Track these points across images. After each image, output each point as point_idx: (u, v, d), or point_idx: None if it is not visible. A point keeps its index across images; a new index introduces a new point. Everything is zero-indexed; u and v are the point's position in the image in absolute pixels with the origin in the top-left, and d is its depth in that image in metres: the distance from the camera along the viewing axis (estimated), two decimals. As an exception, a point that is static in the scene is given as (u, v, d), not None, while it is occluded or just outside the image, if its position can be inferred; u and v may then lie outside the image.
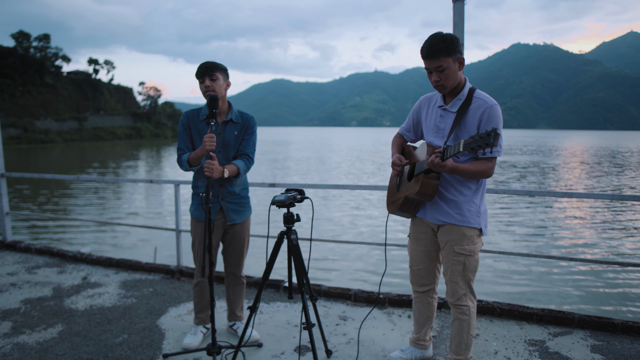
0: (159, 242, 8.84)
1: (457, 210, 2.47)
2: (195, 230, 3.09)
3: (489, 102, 2.35)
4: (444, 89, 2.40)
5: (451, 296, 2.58)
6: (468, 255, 2.49)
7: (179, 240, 4.64)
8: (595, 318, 3.55)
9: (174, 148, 62.40)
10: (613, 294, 6.81)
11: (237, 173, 2.92)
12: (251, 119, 3.09)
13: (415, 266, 2.76)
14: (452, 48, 2.29)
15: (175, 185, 4.54)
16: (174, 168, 31.79)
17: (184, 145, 2.98)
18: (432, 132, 2.55)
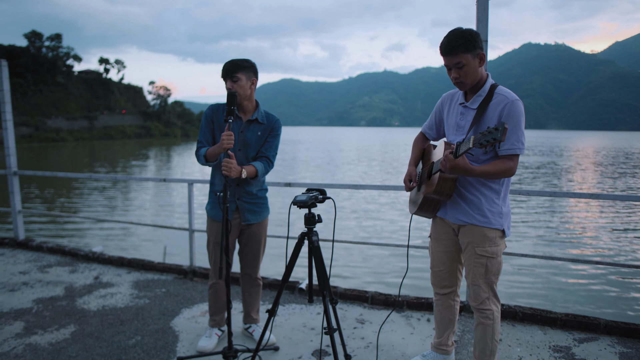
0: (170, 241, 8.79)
1: (478, 211, 2.39)
2: (211, 230, 3.02)
3: (509, 98, 2.26)
4: (464, 85, 2.32)
5: (474, 300, 2.49)
6: (490, 257, 2.40)
7: (192, 240, 4.57)
8: (622, 324, 3.43)
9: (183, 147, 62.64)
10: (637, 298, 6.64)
11: (255, 175, 2.84)
12: (277, 121, 3.00)
13: (436, 267, 2.67)
14: (471, 44, 2.21)
15: (189, 184, 4.47)
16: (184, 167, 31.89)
17: (204, 138, 2.90)
18: (452, 130, 2.48)
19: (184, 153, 48.32)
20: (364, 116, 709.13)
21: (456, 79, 2.29)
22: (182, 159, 40.19)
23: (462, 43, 2.19)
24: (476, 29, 3.39)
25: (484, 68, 2.37)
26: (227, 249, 2.58)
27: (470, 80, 2.29)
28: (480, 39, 2.24)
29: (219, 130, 2.89)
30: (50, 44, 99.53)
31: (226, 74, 2.79)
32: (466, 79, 2.28)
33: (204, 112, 2.96)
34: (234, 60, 2.80)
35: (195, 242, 4.62)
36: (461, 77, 2.27)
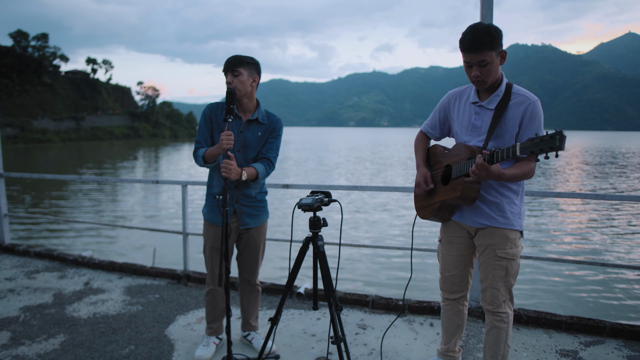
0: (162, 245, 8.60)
1: (499, 213, 2.31)
2: (208, 234, 2.89)
3: (531, 98, 2.19)
4: (484, 84, 2.22)
5: (490, 303, 2.39)
6: (511, 259, 2.33)
7: (185, 244, 4.43)
8: (627, 326, 3.37)
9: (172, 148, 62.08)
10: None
11: (256, 177, 2.72)
12: (278, 121, 2.89)
13: (448, 272, 2.58)
14: (496, 41, 2.11)
15: (183, 186, 4.33)
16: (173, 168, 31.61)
17: (203, 138, 2.78)
18: (466, 130, 2.37)
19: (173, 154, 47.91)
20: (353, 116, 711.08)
21: (477, 77, 2.18)
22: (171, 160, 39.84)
23: (489, 40, 2.08)
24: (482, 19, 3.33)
25: None
26: (226, 255, 2.46)
27: (491, 79, 2.19)
28: (502, 36, 2.15)
29: (218, 130, 2.77)
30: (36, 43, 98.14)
31: (227, 67, 2.68)
32: (488, 77, 2.18)
33: (202, 111, 2.83)
34: (237, 55, 2.69)
35: (189, 246, 4.48)
36: (483, 76, 2.16)
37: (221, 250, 2.44)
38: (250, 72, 2.73)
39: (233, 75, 2.67)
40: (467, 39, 2.12)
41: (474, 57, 2.13)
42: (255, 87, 2.79)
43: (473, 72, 2.17)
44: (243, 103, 2.76)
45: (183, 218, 4.39)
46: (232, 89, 2.52)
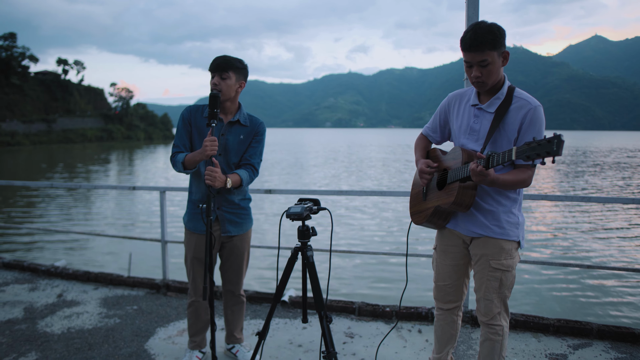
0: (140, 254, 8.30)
1: (495, 222, 2.23)
2: (189, 243, 2.76)
3: (532, 103, 2.10)
4: (484, 86, 2.13)
5: (484, 315, 2.32)
6: (505, 270, 2.24)
7: (164, 252, 4.27)
8: (613, 328, 3.39)
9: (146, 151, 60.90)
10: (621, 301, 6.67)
11: (240, 184, 2.61)
12: (261, 124, 2.78)
13: (442, 281, 2.50)
14: (499, 41, 2.03)
15: (161, 193, 4.17)
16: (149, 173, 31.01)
17: (181, 142, 2.65)
18: (464, 133, 2.29)
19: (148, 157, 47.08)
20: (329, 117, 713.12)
21: (477, 78, 2.09)
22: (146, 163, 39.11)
23: (491, 39, 2.00)
24: (466, 27, 3.28)
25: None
26: (210, 267, 2.35)
27: (492, 80, 2.11)
28: (505, 36, 2.07)
29: (197, 134, 2.65)
30: (3, 43, 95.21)
31: (216, 69, 2.55)
32: (488, 78, 2.09)
33: (181, 113, 2.70)
34: (228, 57, 2.57)
35: (168, 254, 4.33)
36: (483, 77, 2.08)
37: (205, 262, 2.32)
38: (238, 77, 2.62)
39: (221, 77, 2.55)
40: (468, 37, 2.03)
41: (474, 56, 2.05)
42: (239, 93, 2.69)
43: (473, 73, 2.09)
44: (225, 106, 2.65)
45: (162, 225, 4.23)
46: (217, 93, 2.41)
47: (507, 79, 2.21)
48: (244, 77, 2.66)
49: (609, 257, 9.00)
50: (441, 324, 2.60)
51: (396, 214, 13.25)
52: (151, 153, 52.27)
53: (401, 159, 38.94)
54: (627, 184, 22.06)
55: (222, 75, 2.56)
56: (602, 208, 14.14)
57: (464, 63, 2.13)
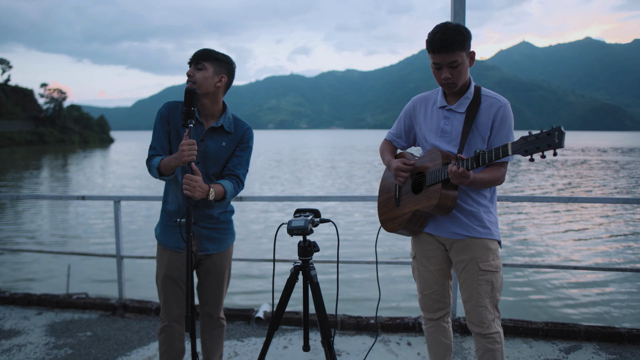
0: (89, 271, 7.52)
1: (477, 222, 2.16)
2: (161, 260, 2.39)
3: (501, 101, 2.12)
4: (454, 87, 2.11)
5: (478, 325, 2.17)
6: (495, 271, 2.16)
7: (120, 268, 3.82)
8: (600, 328, 3.37)
9: (81, 156, 57.21)
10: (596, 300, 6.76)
11: (223, 197, 2.28)
12: (248, 130, 2.44)
13: (428, 289, 2.33)
14: (467, 41, 2.03)
15: (115, 202, 3.72)
16: (87, 179, 29.15)
17: (159, 144, 2.28)
18: (435, 135, 2.22)
19: (83, 162, 44.43)
20: (272, 119, 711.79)
21: (447, 80, 2.07)
22: (83, 168, 36.86)
23: (460, 40, 1.99)
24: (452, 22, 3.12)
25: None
26: (190, 290, 2.01)
27: (461, 80, 2.09)
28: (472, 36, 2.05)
29: (175, 135, 2.30)
30: None
31: (192, 59, 2.24)
32: (458, 79, 2.07)
33: (158, 110, 2.33)
34: (208, 48, 2.27)
35: (125, 270, 3.87)
36: (453, 78, 2.06)
37: (187, 285, 1.98)
38: (218, 70, 2.29)
39: (196, 68, 2.22)
40: (437, 38, 2.00)
41: (444, 57, 2.01)
42: (221, 89, 2.34)
43: (443, 74, 2.07)
44: (205, 105, 2.30)
45: (117, 239, 3.77)
46: (193, 89, 2.07)
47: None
48: (227, 72, 2.32)
49: (557, 255, 9.28)
50: (434, 335, 2.42)
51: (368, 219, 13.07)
52: (86, 158, 49.12)
53: (346, 160, 39.16)
54: (553, 184, 23.06)
55: (198, 66, 2.24)
56: (550, 207, 14.69)
57: (432, 65, 2.10)
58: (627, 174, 26.17)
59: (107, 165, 37.30)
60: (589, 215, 13.35)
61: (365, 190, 18.57)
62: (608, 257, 9.09)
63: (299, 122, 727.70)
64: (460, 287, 2.21)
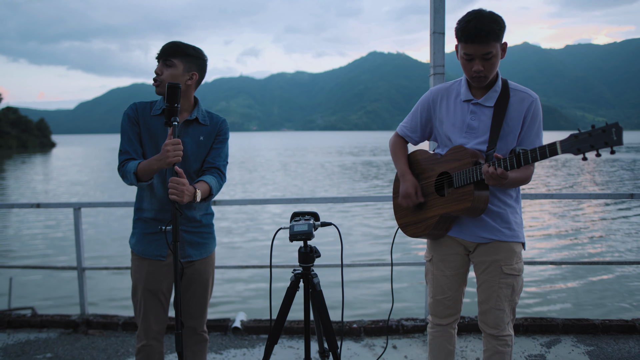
0: (45, 285, 6.89)
1: (504, 224, 2.05)
2: (139, 271, 2.18)
3: (532, 95, 2.01)
4: (485, 80, 1.96)
5: (494, 327, 2.10)
6: (517, 275, 2.08)
7: (82, 281, 3.52)
8: (575, 321, 3.46)
9: (18, 161, 53.78)
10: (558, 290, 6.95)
11: (209, 194, 2.12)
12: (223, 121, 2.29)
13: (441, 294, 2.23)
14: (503, 31, 1.88)
15: (75, 210, 3.43)
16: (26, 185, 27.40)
17: (131, 147, 2.08)
18: (459, 131, 2.08)
19: (23, 167, 41.83)
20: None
21: (478, 72, 1.92)
22: (23, 174, 34.66)
23: (497, 29, 1.84)
24: (433, 20, 3.09)
25: None
26: (179, 306, 1.84)
27: (492, 74, 1.95)
28: None
29: (148, 136, 2.11)
30: None
31: (160, 55, 2.06)
32: (490, 72, 1.93)
33: (124, 112, 2.14)
34: (177, 42, 2.08)
35: (87, 283, 3.58)
36: (485, 70, 1.91)
37: (177, 299, 1.80)
38: (188, 67, 2.12)
39: (165, 64, 2.06)
40: (471, 27, 1.83)
41: (478, 48, 1.86)
42: (192, 87, 2.18)
43: (475, 67, 1.91)
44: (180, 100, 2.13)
45: (77, 249, 3.48)
46: (176, 83, 1.90)
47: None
48: (198, 68, 2.16)
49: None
50: (439, 341, 2.33)
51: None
52: (23, 164, 46.12)
53: (300, 161, 39.10)
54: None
55: (167, 62, 2.07)
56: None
57: (461, 56, 1.94)
58: (566, 172, 27.55)
59: (50, 171, 35.27)
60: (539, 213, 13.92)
61: (325, 192, 18.54)
62: (560, 252, 9.45)
63: (249, 124, 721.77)
64: (478, 288, 2.12)
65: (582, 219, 12.43)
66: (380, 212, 12.94)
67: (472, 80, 1.98)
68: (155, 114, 2.11)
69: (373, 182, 22.82)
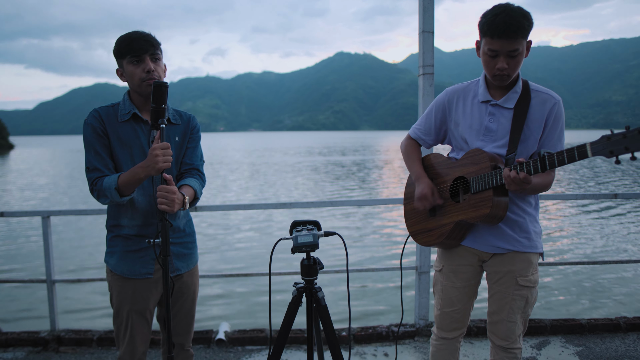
0: (8, 297, 6.38)
1: (523, 234, 1.95)
2: (123, 293, 2.00)
3: (555, 97, 1.91)
4: (507, 79, 1.85)
5: (504, 339, 2.01)
6: (532, 287, 1.98)
7: (51, 295, 3.28)
8: (562, 321, 3.47)
9: (-27, 164, 51.28)
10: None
11: (194, 198, 1.97)
12: (193, 118, 2.14)
13: (450, 307, 2.12)
14: (531, 28, 1.77)
15: (44, 218, 3.19)
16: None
17: (101, 163, 1.87)
18: (477, 134, 1.96)
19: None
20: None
21: (502, 70, 1.80)
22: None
23: (527, 25, 1.74)
24: (422, 19, 3.02)
25: None
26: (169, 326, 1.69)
27: (516, 72, 1.85)
28: None
29: (119, 145, 1.90)
30: None
31: (146, 48, 1.84)
32: (514, 70, 1.82)
33: (86, 122, 1.90)
34: (148, 33, 1.89)
35: (57, 297, 3.34)
36: (510, 68, 1.80)
37: (167, 321, 1.65)
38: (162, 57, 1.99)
39: (155, 58, 1.89)
40: (499, 20, 1.71)
41: (505, 44, 1.74)
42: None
43: (499, 64, 1.79)
44: (147, 102, 1.97)
45: (46, 260, 3.24)
46: (164, 82, 1.74)
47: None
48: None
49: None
50: (442, 354, 2.22)
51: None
52: (-20, 168, 43.82)
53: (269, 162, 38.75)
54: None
55: (156, 56, 1.91)
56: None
57: (485, 52, 1.81)
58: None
59: (7, 174, 33.70)
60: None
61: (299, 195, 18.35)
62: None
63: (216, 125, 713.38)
64: (489, 298, 2.02)
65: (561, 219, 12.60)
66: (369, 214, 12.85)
67: (494, 78, 1.86)
68: (123, 119, 1.91)
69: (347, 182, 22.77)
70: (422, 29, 2.99)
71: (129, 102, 1.95)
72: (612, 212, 12.67)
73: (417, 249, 3.30)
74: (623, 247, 9.09)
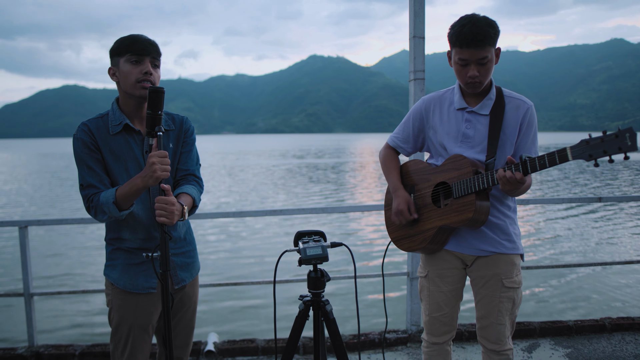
0: None
1: (505, 236, 2.01)
2: (125, 307, 1.89)
3: (527, 102, 1.99)
4: (479, 86, 1.92)
5: (495, 342, 2.04)
6: (517, 288, 2.04)
7: (30, 309, 3.13)
8: (550, 324, 3.52)
9: None
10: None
11: (192, 206, 1.90)
12: (186, 120, 2.06)
13: (437, 312, 2.14)
14: (498, 35, 1.86)
15: (21, 229, 3.04)
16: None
17: (96, 179, 1.77)
18: (454, 140, 2.02)
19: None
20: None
21: (474, 78, 1.88)
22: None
23: (492, 33, 1.82)
24: (413, 24, 3.01)
25: None
26: (170, 341, 1.61)
27: (487, 79, 1.92)
28: None
29: (112, 159, 1.81)
30: None
31: (147, 51, 1.78)
32: (485, 77, 1.90)
33: (75, 137, 1.80)
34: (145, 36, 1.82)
35: (36, 311, 3.19)
36: (481, 76, 1.88)
37: (167, 338, 1.58)
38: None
39: (155, 64, 1.82)
40: (466, 31, 1.80)
41: (474, 53, 1.82)
42: None
43: (470, 72, 1.87)
44: (140, 108, 1.89)
45: (24, 273, 3.08)
46: (161, 88, 1.67)
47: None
48: None
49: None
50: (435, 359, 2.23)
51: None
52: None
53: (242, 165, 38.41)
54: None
55: (155, 62, 1.84)
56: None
57: (456, 61, 1.89)
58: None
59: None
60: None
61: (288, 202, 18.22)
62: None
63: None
64: (476, 303, 2.05)
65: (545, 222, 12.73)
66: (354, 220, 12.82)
67: (467, 86, 1.94)
68: (115, 132, 1.82)
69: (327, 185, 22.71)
70: (413, 34, 2.98)
71: (118, 112, 1.86)
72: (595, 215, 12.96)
73: (408, 255, 3.29)
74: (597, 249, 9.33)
